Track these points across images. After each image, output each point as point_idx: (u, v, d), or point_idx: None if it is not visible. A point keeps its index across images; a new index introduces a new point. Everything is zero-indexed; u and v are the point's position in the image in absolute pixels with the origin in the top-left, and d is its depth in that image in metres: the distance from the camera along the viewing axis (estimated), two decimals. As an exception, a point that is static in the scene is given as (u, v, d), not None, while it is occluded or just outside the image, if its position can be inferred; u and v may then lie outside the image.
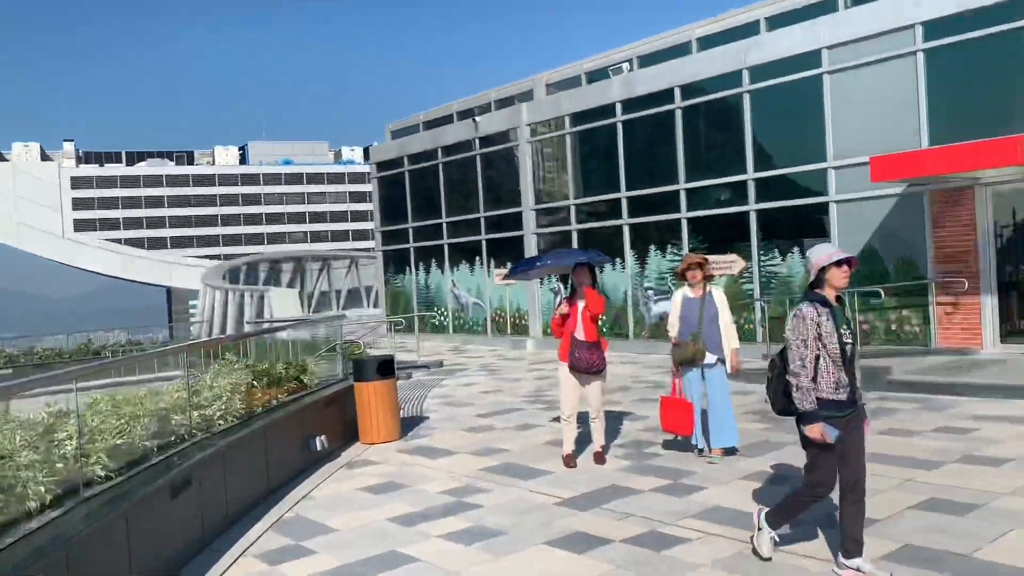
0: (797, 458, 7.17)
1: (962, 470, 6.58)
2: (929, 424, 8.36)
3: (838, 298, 4.58)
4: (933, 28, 12.50)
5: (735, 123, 15.19)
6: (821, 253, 4.49)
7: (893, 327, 13.10)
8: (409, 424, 10.05)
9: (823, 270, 4.45)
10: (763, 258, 14.89)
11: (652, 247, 16.87)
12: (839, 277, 4.45)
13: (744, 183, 15.07)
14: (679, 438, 7.92)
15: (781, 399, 4.60)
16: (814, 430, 4.39)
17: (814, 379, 4.42)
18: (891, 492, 6.10)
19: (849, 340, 4.46)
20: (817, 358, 4.41)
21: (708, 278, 7.62)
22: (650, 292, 16.85)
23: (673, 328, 7.63)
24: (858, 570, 4.56)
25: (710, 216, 15.74)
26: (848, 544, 4.58)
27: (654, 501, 6.32)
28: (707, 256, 8.56)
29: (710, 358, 7.52)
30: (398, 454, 8.59)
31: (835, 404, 4.43)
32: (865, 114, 13.30)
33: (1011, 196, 11.90)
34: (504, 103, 21.42)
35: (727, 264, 15.25)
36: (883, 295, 12.84)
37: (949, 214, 12.42)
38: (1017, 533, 5.09)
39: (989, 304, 12.09)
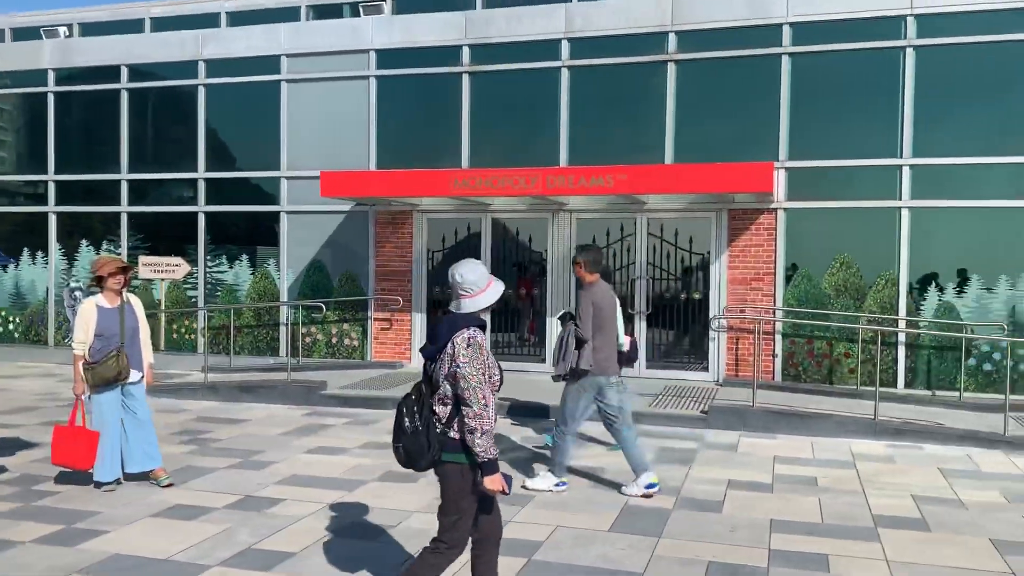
0: (226, 486, 6.60)
1: (382, 489, 6.74)
2: (357, 440, 8.56)
3: None
4: (385, 57, 13.26)
5: (189, 116, 14.24)
6: (484, 279, 3.89)
7: (334, 341, 13.47)
8: None
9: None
10: (210, 264, 14.16)
11: (85, 241, 14.93)
12: None
13: (195, 181, 14.19)
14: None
15: (432, 449, 3.79)
16: (496, 481, 3.75)
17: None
18: (309, 519, 5.92)
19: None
20: None
21: (126, 285, 6.71)
22: (78, 293, 14.80)
23: (84, 345, 6.51)
24: None
25: (155, 213, 14.48)
26: None
27: (35, 555, 5.17)
28: (151, 257, 7.59)
29: (134, 375, 6.65)
30: None
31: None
32: (321, 128, 13.53)
33: (442, 224, 13.15)
34: None
35: (171, 267, 14.14)
36: (324, 309, 13.11)
37: (391, 235, 13.24)
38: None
39: (419, 321, 13.16)
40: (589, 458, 7.81)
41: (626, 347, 7.68)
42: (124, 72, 14.53)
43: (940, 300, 11.12)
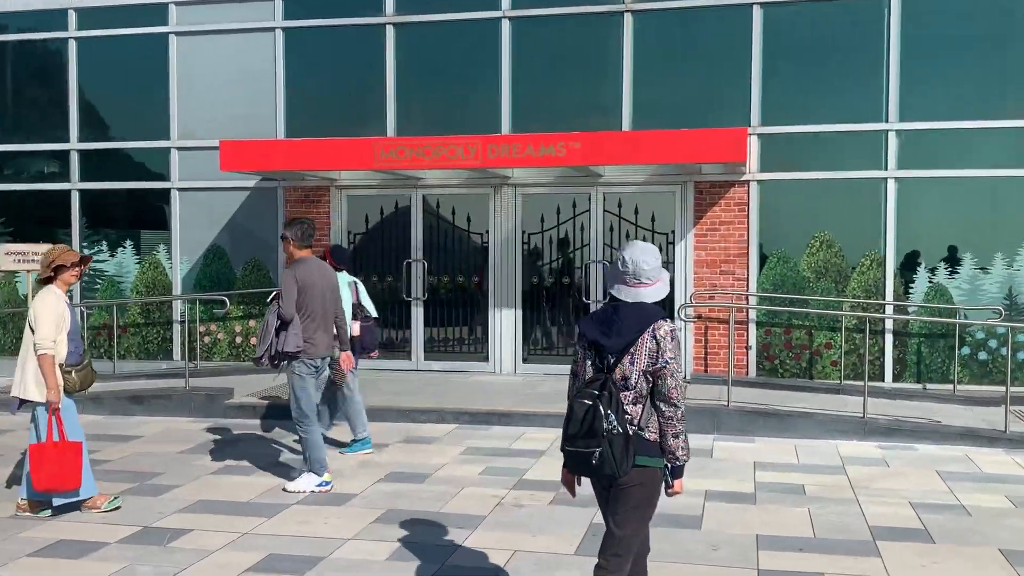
0: (119, 515, 6.34)
1: (306, 513, 6.61)
2: (272, 457, 8.39)
3: None
4: (293, 5, 12.98)
5: (58, 75, 13.77)
6: (660, 267, 3.91)
7: (239, 340, 13.19)
8: None
9: None
10: (88, 251, 13.72)
11: (-69, 227, 14.31)
12: None
13: (67, 153, 13.73)
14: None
15: (631, 454, 3.75)
16: (682, 484, 3.96)
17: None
18: (222, 552, 5.77)
19: None
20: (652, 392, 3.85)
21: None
22: (-75, 289, 14.20)
23: (61, 346, 6.37)
24: None
25: (19, 191, 13.98)
26: None
27: None
28: (15, 245, 7.37)
29: None
30: None
31: None
32: (219, 90, 13.20)
33: (365, 201, 12.97)
34: None
35: (40, 257, 13.63)
36: (228, 303, 12.82)
37: (305, 215, 13.00)
38: (359, 588, 5.17)
39: (339, 316, 12.95)
40: (541, 468, 7.80)
41: (355, 332, 8.16)
42: (-24, 23, 13.95)
43: (931, 282, 11.42)
